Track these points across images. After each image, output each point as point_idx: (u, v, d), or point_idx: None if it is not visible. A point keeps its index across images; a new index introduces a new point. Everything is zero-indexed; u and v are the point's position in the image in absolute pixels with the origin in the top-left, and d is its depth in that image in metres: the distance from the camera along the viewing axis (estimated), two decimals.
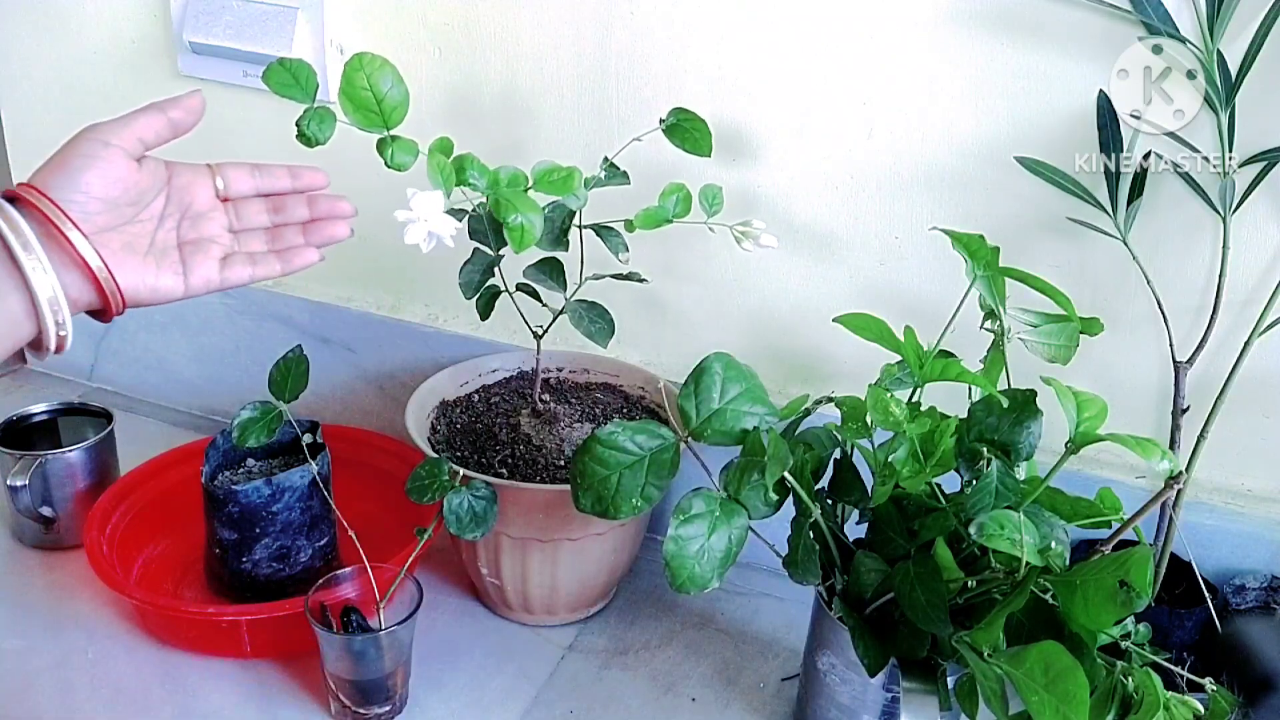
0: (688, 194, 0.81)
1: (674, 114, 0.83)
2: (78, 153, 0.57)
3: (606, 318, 0.87)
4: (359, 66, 0.69)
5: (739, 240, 0.82)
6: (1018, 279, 0.72)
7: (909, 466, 0.68)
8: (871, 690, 0.75)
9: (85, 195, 0.56)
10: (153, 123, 0.59)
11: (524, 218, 0.67)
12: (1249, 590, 0.85)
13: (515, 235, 0.67)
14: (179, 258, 0.61)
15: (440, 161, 0.64)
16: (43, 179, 0.56)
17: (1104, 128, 0.80)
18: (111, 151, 0.57)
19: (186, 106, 0.61)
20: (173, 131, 0.60)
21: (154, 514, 0.98)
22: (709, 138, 0.82)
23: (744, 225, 0.82)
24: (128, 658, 0.87)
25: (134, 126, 0.59)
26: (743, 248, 0.82)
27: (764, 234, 0.82)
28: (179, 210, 0.62)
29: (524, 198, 0.68)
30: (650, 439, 0.73)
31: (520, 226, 0.67)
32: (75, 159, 0.56)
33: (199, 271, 0.61)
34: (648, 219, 0.80)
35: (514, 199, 0.67)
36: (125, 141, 0.58)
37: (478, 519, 0.81)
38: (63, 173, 0.56)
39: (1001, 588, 0.67)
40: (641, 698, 0.86)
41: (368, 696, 0.80)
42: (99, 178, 0.56)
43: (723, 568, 0.70)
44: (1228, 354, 0.80)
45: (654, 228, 0.80)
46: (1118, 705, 0.63)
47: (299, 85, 0.73)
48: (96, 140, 0.57)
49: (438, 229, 0.64)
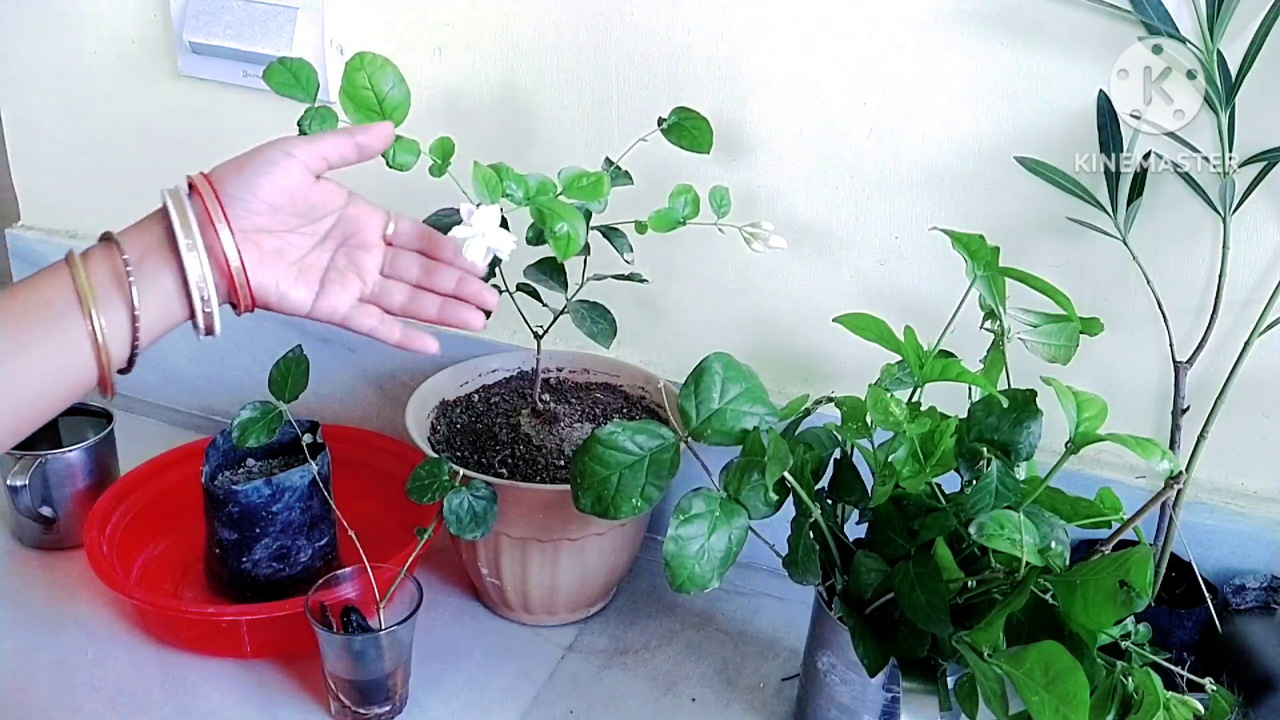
0: (696, 195, 0.81)
1: (675, 113, 0.83)
2: (261, 156, 0.60)
3: (609, 318, 0.87)
4: (360, 66, 0.69)
5: (748, 241, 0.82)
6: (1018, 279, 0.72)
7: (909, 466, 0.68)
8: (871, 690, 0.75)
9: (253, 196, 0.60)
10: (339, 144, 0.63)
11: (569, 226, 0.68)
12: (1249, 590, 0.85)
13: (561, 244, 0.68)
14: (320, 278, 0.64)
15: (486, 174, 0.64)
16: (222, 172, 0.60)
17: (1104, 128, 0.80)
18: (291, 162, 0.61)
19: (375, 134, 0.65)
20: (358, 155, 0.64)
21: (154, 514, 0.98)
22: (709, 134, 0.82)
23: (753, 226, 0.82)
24: (128, 658, 0.87)
25: (320, 144, 0.62)
26: (752, 249, 0.82)
27: (773, 235, 0.82)
28: (342, 237, 0.65)
29: (566, 206, 0.68)
30: (650, 439, 0.73)
31: (567, 235, 0.68)
32: (256, 161, 0.60)
33: (330, 297, 0.64)
34: (660, 221, 0.80)
35: (557, 208, 0.68)
36: (307, 156, 0.61)
37: (478, 519, 0.81)
38: (240, 173, 0.60)
39: (1001, 588, 0.67)
40: (641, 698, 0.86)
41: (368, 696, 0.80)
42: (270, 183, 0.60)
43: (723, 568, 0.70)
44: (1228, 354, 0.80)
45: (667, 230, 0.80)
46: (1118, 705, 0.63)
47: (300, 84, 0.73)
48: (280, 149, 0.61)
49: (496, 243, 0.64)
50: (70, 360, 0.56)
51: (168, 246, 0.58)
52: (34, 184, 1.23)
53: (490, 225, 0.63)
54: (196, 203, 0.59)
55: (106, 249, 0.58)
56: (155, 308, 0.58)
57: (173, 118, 1.11)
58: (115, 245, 0.58)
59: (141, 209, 0.60)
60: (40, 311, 0.55)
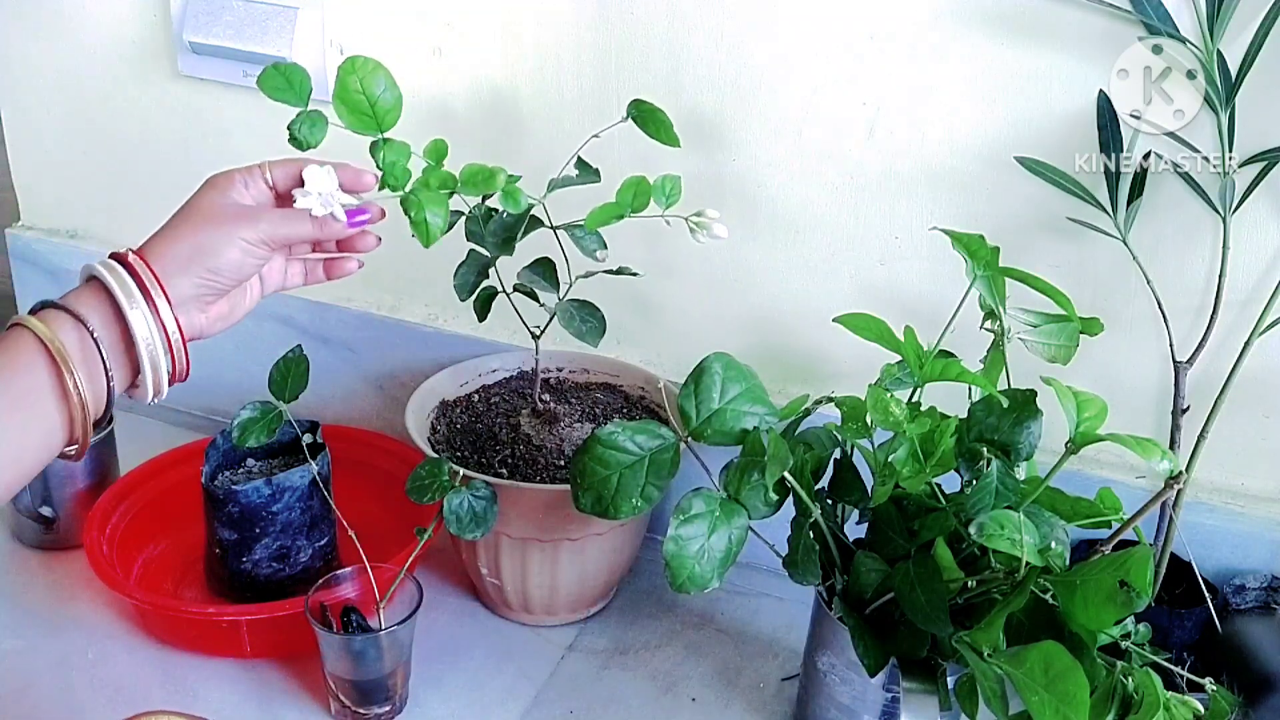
0: (646, 186, 0.79)
1: (634, 105, 0.82)
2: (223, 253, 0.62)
3: (598, 316, 0.87)
4: (352, 70, 0.70)
5: (693, 232, 0.80)
6: (1018, 279, 0.73)
7: (909, 466, 0.68)
8: (871, 690, 0.75)
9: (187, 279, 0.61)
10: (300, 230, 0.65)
11: (429, 214, 0.69)
12: (1249, 590, 0.85)
13: (420, 230, 0.70)
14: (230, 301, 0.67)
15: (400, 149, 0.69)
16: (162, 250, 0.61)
17: (1104, 128, 0.80)
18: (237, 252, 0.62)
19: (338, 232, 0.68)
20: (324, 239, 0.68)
21: (154, 514, 0.98)
22: (670, 126, 0.81)
23: (697, 216, 0.80)
24: (128, 658, 0.87)
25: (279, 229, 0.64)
26: (697, 239, 0.80)
27: (716, 224, 0.80)
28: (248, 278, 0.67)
29: (432, 195, 0.70)
30: (650, 439, 0.73)
31: (423, 221, 0.69)
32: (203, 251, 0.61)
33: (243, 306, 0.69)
34: (599, 216, 0.79)
35: (422, 197, 0.70)
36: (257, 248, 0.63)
37: (478, 519, 0.81)
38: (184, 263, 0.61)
39: (1001, 588, 0.67)
40: (641, 698, 0.86)
41: (368, 696, 0.80)
42: (211, 270, 0.62)
43: (723, 568, 0.70)
44: (1228, 354, 0.80)
45: (604, 224, 0.79)
46: (1118, 705, 0.63)
47: (292, 89, 0.73)
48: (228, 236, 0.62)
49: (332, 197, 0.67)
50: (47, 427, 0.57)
51: (113, 315, 0.59)
52: (34, 184, 1.23)
53: (326, 186, 0.66)
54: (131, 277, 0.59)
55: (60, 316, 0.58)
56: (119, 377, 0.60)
57: (173, 118, 1.11)
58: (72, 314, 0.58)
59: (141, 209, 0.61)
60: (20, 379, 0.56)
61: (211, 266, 0.61)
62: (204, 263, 0.61)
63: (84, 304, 0.59)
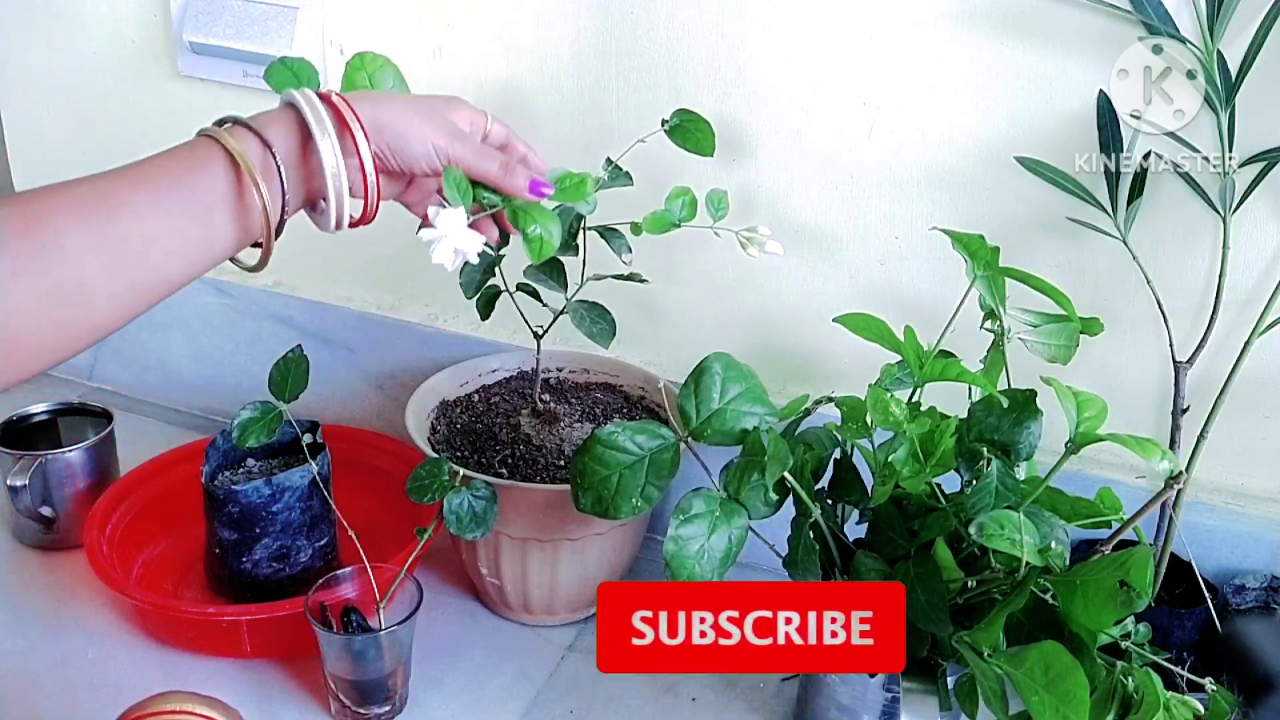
0: (693, 198, 0.81)
1: (677, 115, 0.83)
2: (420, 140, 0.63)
3: (608, 318, 0.87)
4: (360, 66, 0.69)
5: (744, 245, 0.81)
6: (1018, 279, 0.72)
7: (909, 466, 0.68)
8: (871, 690, 0.75)
9: (397, 159, 0.63)
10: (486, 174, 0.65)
11: (542, 228, 0.67)
12: (1249, 590, 0.85)
13: (535, 247, 0.67)
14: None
15: (456, 176, 0.64)
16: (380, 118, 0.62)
17: (1104, 128, 0.80)
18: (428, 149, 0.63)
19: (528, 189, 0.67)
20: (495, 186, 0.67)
21: (154, 514, 0.98)
22: (712, 137, 0.82)
23: (750, 231, 0.81)
24: (128, 658, 0.87)
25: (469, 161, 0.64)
26: (748, 253, 0.81)
27: (770, 240, 0.81)
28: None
29: (540, 208, 0.68)
30: (650, 439, 0.73)
31: (539, 238, 0.67)
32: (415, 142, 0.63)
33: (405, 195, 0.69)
34: (656, 223, 0.80)
35: (530, 210, 0.67)
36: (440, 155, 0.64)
37: (478, 519, 0.81)
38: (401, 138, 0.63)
39: (1001, 588, 0.67)
40: (641, 698, 0.86)
41: (368, 696, 0.80)
42: (417, 163, 0.63)
43: (723, 568, 0.70)
44: (1228, 354, 0.80)
45: (662, 232, 0.80)
46: (1118, 705, 0.63)
47: (301, 84, 0.73)
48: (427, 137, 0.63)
49: (463, 245, 0.64)
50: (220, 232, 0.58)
51: (300, 141, 0.60)
52: (34, 184, 1.22)
53: (456, 227, 0.63)
54: (330, 109, 0.60)
55: (245, 132, 0.59)
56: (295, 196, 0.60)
57: (173, 118, 1.11)
58: (256, 133, 0.59)
59: None
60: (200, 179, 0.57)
61: (394, 144, 0.62)
62: (388, 137, 0.62)
63: (271, 127, 0.60)
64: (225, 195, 0.58)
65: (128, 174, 0.57)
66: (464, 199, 0.64)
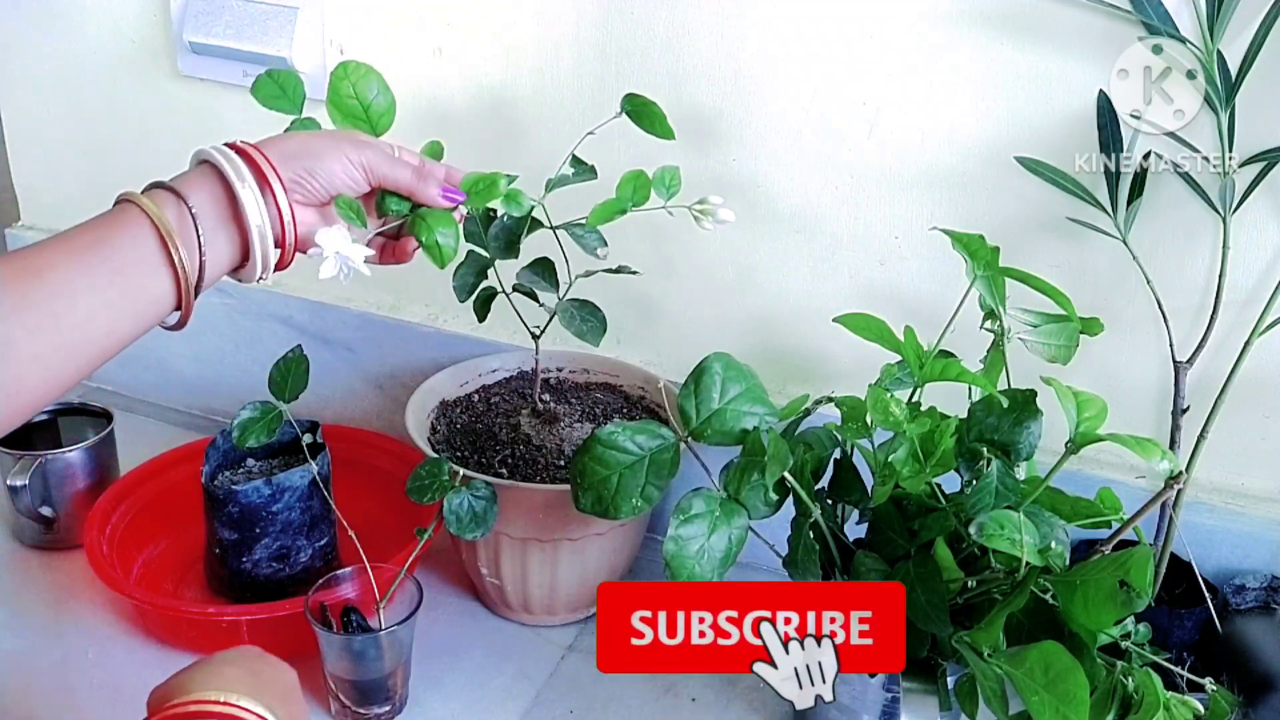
0: (645, 180, 0.79)
1: (628, 99, 0.81)
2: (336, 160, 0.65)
3: (598, 315, 0.87)
4: (344, 75, 0.70)
5: (698, 219, 0.79)
6: (1018, 279, 0.73)
7: (909, 466, 0.68)
8: (871, 690, 0.75)
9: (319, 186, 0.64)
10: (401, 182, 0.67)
11: (439, 235, 0.67)
12: (1249, 590, 0.85)
13: (434, 254, 0.67)
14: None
15: (346, 200, 0.66)
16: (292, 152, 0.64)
17: (1104, 128, 0.80)
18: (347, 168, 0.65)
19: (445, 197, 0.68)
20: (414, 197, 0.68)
21: (154, 514, 0.98)
22: (663, 118, 0.81)
23: (701, 203, 0.79)
24: (128, 658, 0.87)
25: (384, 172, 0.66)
26: (703, 226, 0.79)
27: (721, 208, 0.79)
28: None
29: (439, 215, 0.68)
30: (650, 439, 0.73)
31: (435, 243, 0.67)
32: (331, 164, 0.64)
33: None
34: (602, 213, 0.78)
35: (428, 217, 0.68)
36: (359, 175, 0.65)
37: (478, 519, 0.81)
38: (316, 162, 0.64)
39: (1001, 588, 0.67)
40: (641, 698, 0.86)
41: (368, 696, 0.80)
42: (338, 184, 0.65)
43: (723, 568, 0.70)
44: (1228, 354, 0.80)
45: (607, 221, 0.79)
46: (1118, 705, 0.63)
47: (286, 97, 0.73)
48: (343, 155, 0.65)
49: (348, 254, 0.65)
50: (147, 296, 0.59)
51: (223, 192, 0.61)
52: (34, 184, 1.23)
53: (337, 243, 0.64)
54: (246, 161, 0.62)
55: (164, 193, 0.61)
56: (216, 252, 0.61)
57: (173, 118, 1.11)
58: (174, 192, 0.60)
59: None
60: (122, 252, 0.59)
61: (310, 166, 0.64)
62: (304, 162, 0.64)
63: (190, 184, 0.61)
64: (144, 257, 0.59)
65: (54, 239, 0.59)
66: (357, 220, 0.66)
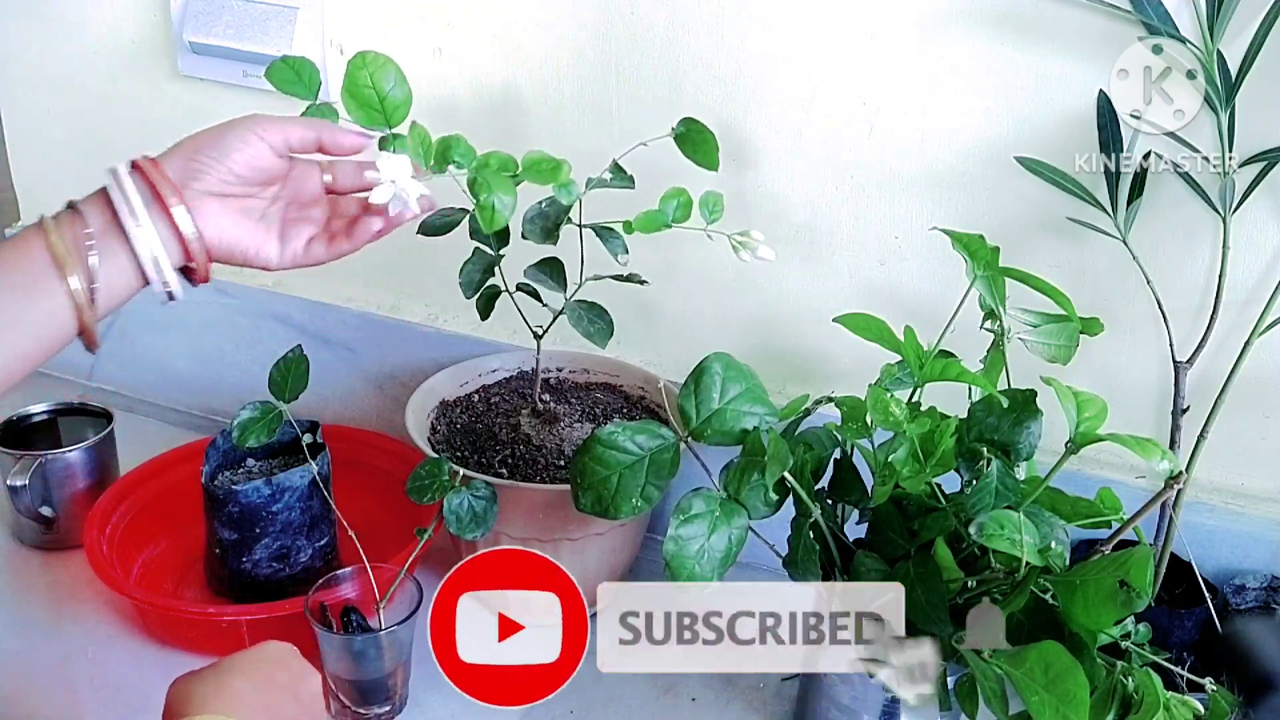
0: (688, 199, 0.80)
1: (683, 123, 0.82)
2: (232, 133, 0.64)
3: (606, 318, 0.87)
4: (362, 65, 0.69)
5: (736, 250, 0.81)
6: (1018, 279, 0.72)
7: (909, 466, 0.68)
8: (871, 690, 0.75)
9: (224, 165, 0.63)
10: (304, 135, 0.66)
11: (497, 198, 0.67)
12: (1249, 590, 0.85)
13: (485, 214, 0.67)
14: (280, 230, 0.68)
15: (421, 135, 0.65)
16: (199, 141, 0.64)
17: (1104, 128, 0.80)
18: (259, 141, 0.64)
19: (344, 141, 0.68)
20: (321, 149, 0.67)
21: (154, 514, 0.98)
22: (715, 151, 0.81)
23: (742, 235, 0.81)
24: (128, 658, 0.87)
25: (286, 130, 0.65)
26: (740, 258, 0.81)
27: (761, 245, 0.80)
28: (290, 195, 0.68)
29: (501, 179, 0.68)
30: (650, 439, 0.73)
31: (490, 205, 0.67)
32: (228, 137, 0.64)
33: (291, 246, 0.68)
34: (647, 222, 0.80)
35: (491, 179, 0.67)
36: (274, 139, 0.65)
37: (478, 519, 0.81)
38: (215, 145, 0.64)
39: (1001, 588, 0.67)
40: (641, 698, 0.86)
41: (368, 696, 0.80)
42: (240, 157, 0.64)
43: (723, 568, 0.70)
44: (1228, 354, 0.80)
45: (652, 231, 0.80)
46: (1118, 705, 0.63)
47: (302, 82, 0.73)
48: (249, 129, 0.64)
49: (406, 188, 0.64)
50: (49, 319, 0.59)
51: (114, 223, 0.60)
52: (34, 184, 1.23)
53: (399, 173, 0.64)
54: (141, 181, 0.61)
55: (69, 215, 0.60)
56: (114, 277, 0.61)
57: (173, 118, 1.11)
58: (79, 214, 0.60)
59: None
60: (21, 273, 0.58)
61: (220, 146, 0.63)
62: (210, 152, 0.63)
63: (93, 204, 0.61)
64: (36, 279, 0.58)
65: None
66: (424, 158, 0.65)
